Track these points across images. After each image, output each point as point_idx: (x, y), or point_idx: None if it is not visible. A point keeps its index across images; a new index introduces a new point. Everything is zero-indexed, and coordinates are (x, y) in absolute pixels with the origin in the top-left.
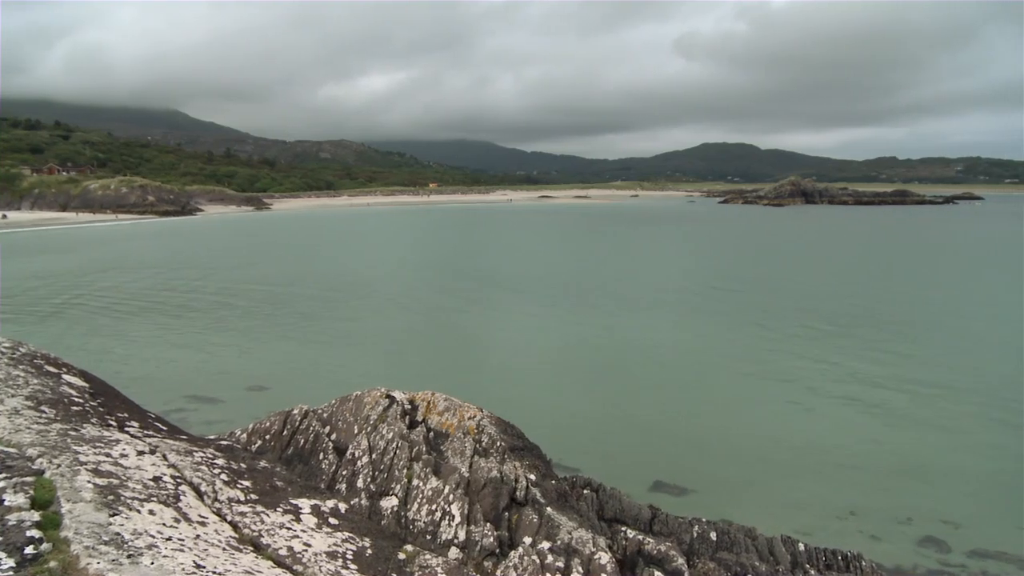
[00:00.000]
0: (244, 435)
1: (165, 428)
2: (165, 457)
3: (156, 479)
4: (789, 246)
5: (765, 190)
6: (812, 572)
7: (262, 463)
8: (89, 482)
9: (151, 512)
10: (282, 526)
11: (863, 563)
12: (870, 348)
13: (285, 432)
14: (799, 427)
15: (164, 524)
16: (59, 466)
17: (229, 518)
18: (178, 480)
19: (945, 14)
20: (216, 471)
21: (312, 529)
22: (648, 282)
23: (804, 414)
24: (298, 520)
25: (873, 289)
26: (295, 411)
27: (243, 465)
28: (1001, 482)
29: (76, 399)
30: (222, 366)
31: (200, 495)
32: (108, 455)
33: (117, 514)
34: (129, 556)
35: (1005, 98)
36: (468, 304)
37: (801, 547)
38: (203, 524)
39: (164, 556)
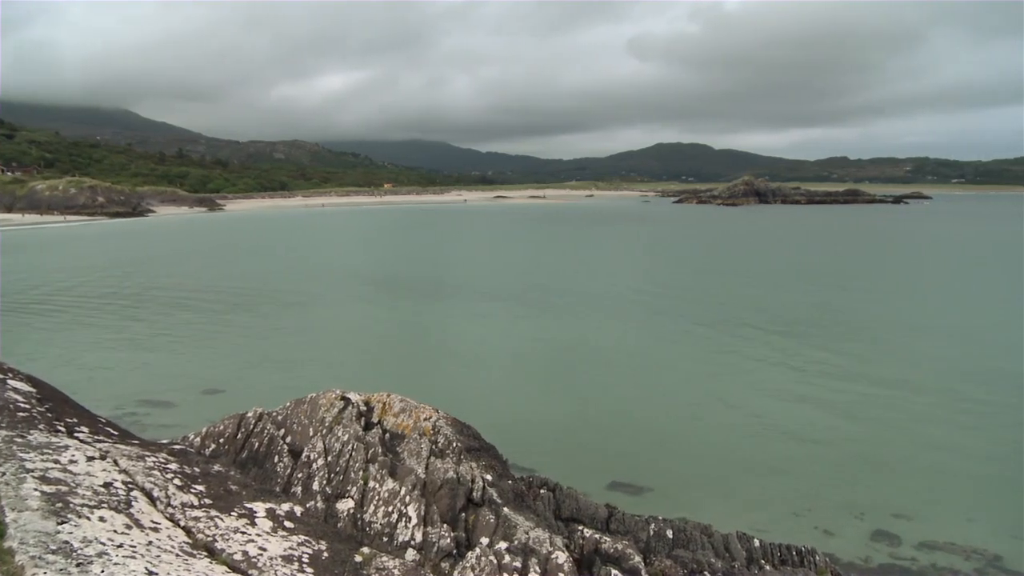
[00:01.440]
0: (198, 439)
1: (116, 433)
2: (116, 463)
3: (107, 485)
4: (743, 246)
5: (719, 190)
6: (767, 567)
7: (216, 467)
8: (36, 490)
9: (101, 519)
10: (237, 530)
11: (817, 558)
12: (821, 347)
13: (239, 435)
14: (753, 424)
15: (115, 531)
16: (3, 474)
17: (183, 523)
18: (130, 486)
19: (893, 18)
20: (169, 476)
21: (267, 533)
22: (604, 283)
23: (759, 412)
24: (253, 524)
25: (825, 288)
26: (249, 414)
27: (197, 469)
28: (950, 475)
29: (22, 405)
30: (176, 369)
31: (152, 500)
32: (56, 462)
33: (66, 522)
34: (78, 565)
35: (952, 100)
36: (424, 305)
37: (756, 543)
38: (156, 530)
39: (115, 564)
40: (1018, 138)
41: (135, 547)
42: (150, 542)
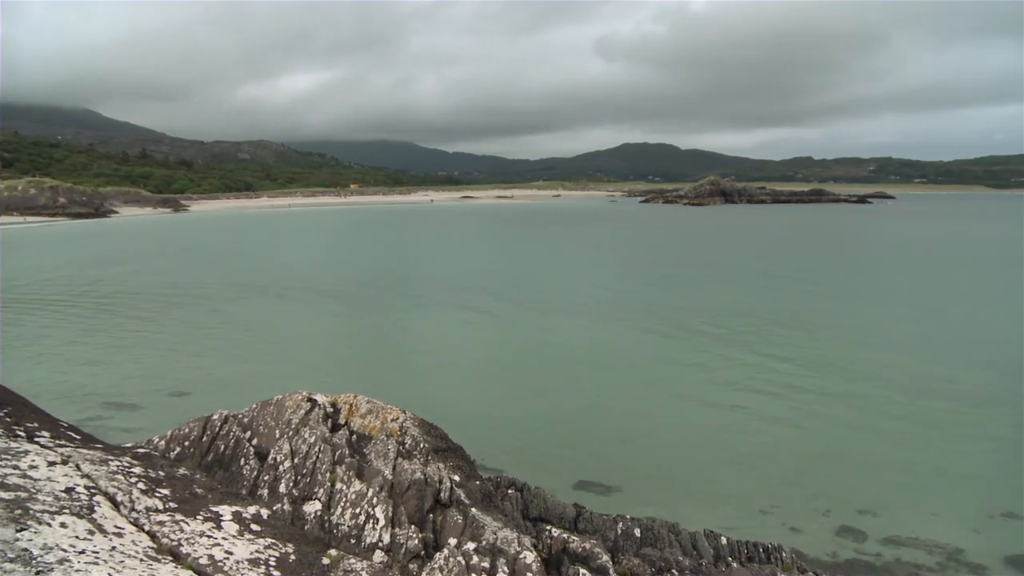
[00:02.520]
0: (162, 442)
1: (79, 437)
2: (78, 467)
3: (69, 490)
4: (709, 246)
5: (685, 190)
6: (734, 565)
7: (181, 470)
8: None
9: (63, 525)
10: (202, 534)
11: (783, 554)
12: (786, 346)
13: (205, 438)
14: (720, 423)
15: (77, 537)
16: None
17: (147, 528)
18: (92, 491)
19: (856, 19)
20: (133, 480)
21: (234, 536)
22: (570, 283)
23: (725, 410)
24: (219, 527)
25: (789, 288)
26: (215, 416)
27: (161, 473)
28: (913, 471)
29: None
30: (140, 371)
31: (116, 505)
32: (16, 467)
33: (25, 529)
34: (38, 572)
35: (914, 101)
36: (391, 306)
37: (724, 540)
38: (119, 535)
39: (77, 570)
40: (978, 139)
41: (98, 553)
42: (113, 548)
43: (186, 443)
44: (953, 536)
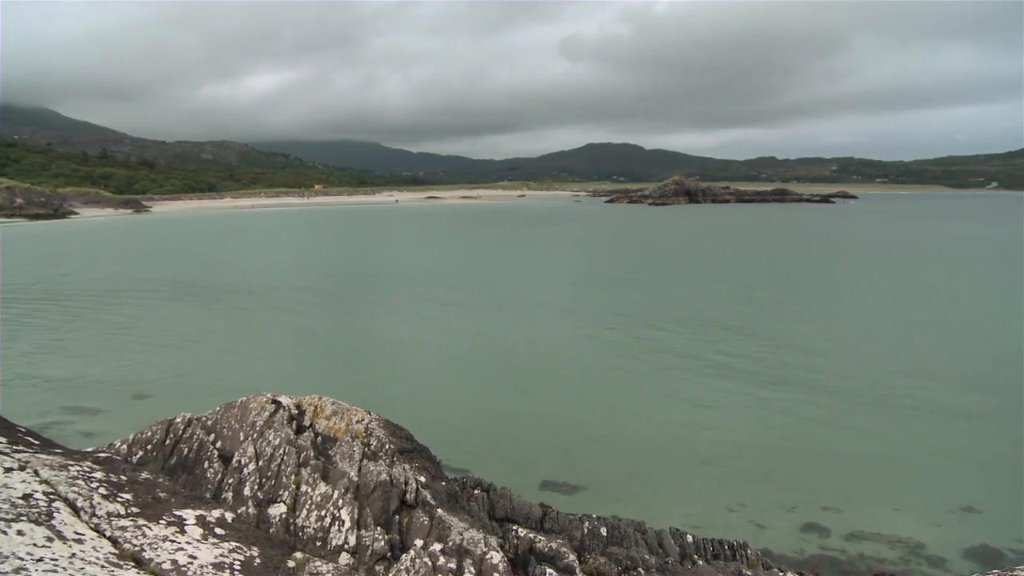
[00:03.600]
0: (124, 446)
1: (37, 442)
2: (37, 473)
3: (26, 497)
4: (672, 245)
5: (650, 190)
6: (700, 562)
7: (144, 474)
8: None
9: (20, 532)
10: (165, 539)
11: (748, 551)
12: (749, 346)
13: (168, 441)
14: (685, 422)
15: (35, 544)
16: None
17: (108, 534)
18: (51, 496)
19: (817, 21)
20: (94, 485)
21: (197, 540)
22: (534, 283)
23: (689, 409)
24: (182, 532)
25: (753, 288)
26: (178, 419)
27: (123, 477)
28: (875, 466)
29: None
30: (102, 374)
31: (76, 511)
32: None
33: None
34: None
35: (875, 102)
36: (354, 307)
37: (689, 538)
38: (79, 542)
39: None
40: (937, 139)
41: (56, 560)
42: (73, 554)
43: (149, 447)
44: (915, 530)
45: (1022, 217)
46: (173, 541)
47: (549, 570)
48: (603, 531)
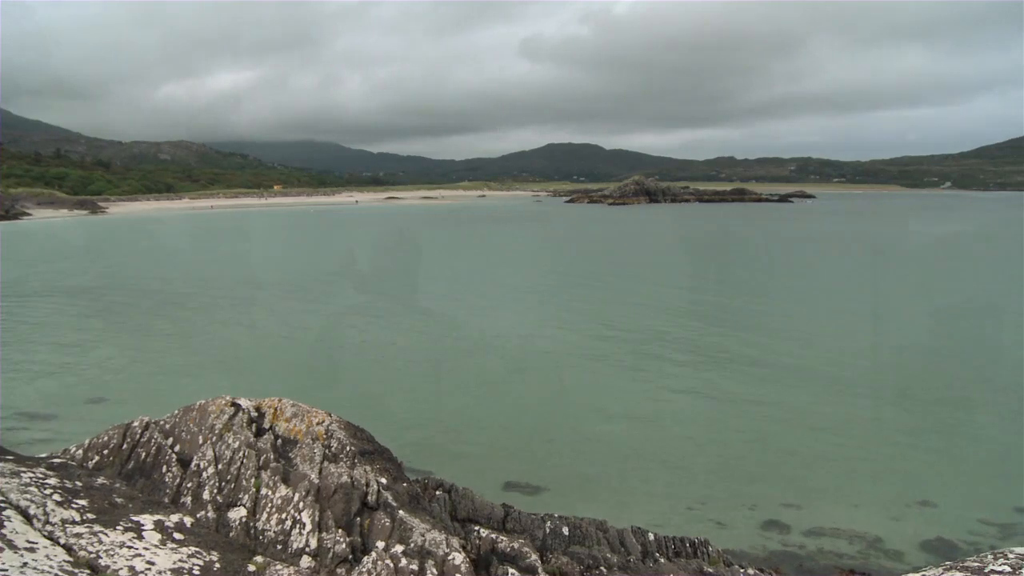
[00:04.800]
0: (80, 451)
1: None
2: None
3: None
4: (632, 242)
5: (610, 189)
6: (662, 560)
7: (100, 480)
8: None
9: None
10: (123, 545)
11: (709, 548)
12: (710, 344)
13: (125, 446)
14: (646, 421)
15: None
16: None
17: (63, 541)
18: (2, 504)
19: (775, 23)
20: (48, 491)
21: (156, 546)
22: (493, 282)
23: (650, 408)
24: (140, 537)
25: (713, 287)
26: (135, 423)
27: (79, 483)
28: (835, 463)
29: None
30: (57, 378)
31: (28, 519)
32: None
33: None
34: None
35: (832, 103)
36: (313, 307)
37: (651, 537)
38: (32, 550)
39: None
40: (892, 139)
41: (6, 571)
42: (25, 563)
43: (105, 451)
44: (872, 525)
45: (989, 215)
46: (130, 547)
47: (511, 570)
48: (565, 530)
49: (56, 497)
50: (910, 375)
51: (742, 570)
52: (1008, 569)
